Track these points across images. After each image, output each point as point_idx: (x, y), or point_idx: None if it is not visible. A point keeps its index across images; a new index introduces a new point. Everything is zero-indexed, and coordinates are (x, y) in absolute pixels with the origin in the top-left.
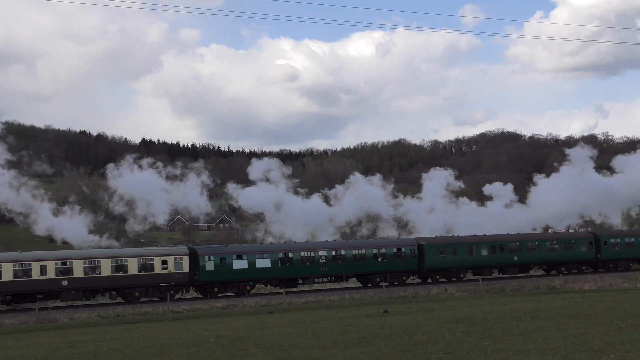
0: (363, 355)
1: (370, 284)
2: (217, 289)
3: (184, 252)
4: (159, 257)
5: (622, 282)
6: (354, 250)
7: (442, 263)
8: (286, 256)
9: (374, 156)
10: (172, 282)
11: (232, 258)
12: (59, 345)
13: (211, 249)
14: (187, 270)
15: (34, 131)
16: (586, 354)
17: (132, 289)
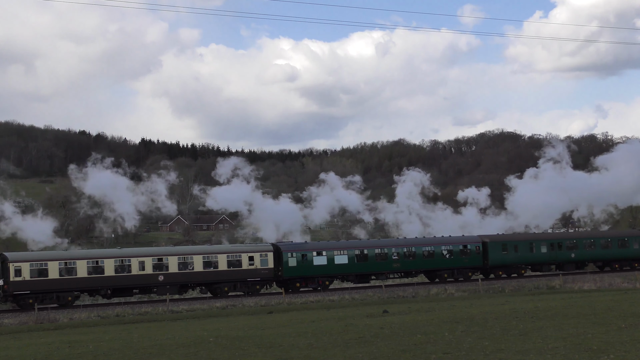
0: (363, 355)
1: (438, 280)
2: (298, 284)
3: (269, 249)
4: (246, 254)
5: (621, 282)
6: (424, 247)
7: (504, 259)
8: (362, 253)
9: (374, 156)
10: (258, 277)
11: (313, 254)
12: (58, 346)
13: (293, 246)
14: (272, 266)
15: (34, 131)
16: (585, 354)
17: (221, 283)
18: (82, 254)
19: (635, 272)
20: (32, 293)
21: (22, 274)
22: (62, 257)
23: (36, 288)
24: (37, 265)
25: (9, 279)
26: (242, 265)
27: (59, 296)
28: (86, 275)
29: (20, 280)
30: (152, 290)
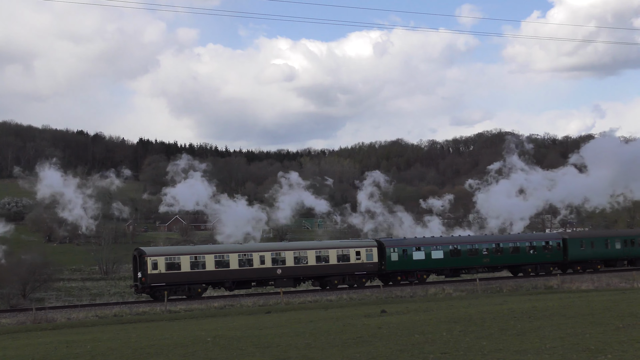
0: (361, 355)
1: (522, 274)
2: (399, 278)
3: (374, 245)
4: (353, 249)
5: (619, 282)
6: (511, 243)
7: (582, 255)
8: (455, 249)
9: (372, 156)
10: (364, 271)
11: (412, 250)
12: (56, 345)
13: (395, 242)
14: (376, 260)
15: (32, 131)
16: (583, 353)
17: (331, 277)
18: (210, 249)
19: (633, 272)
20: (167, 285)
21: (158, 267)
22: (193, 251)
23: (170, 280)
24: (171, 259)
25: (147, 272)
26: (350, 260)
27: (190, 288)
28: (214, 269)
29: (156, 273)
30: (268, 283)
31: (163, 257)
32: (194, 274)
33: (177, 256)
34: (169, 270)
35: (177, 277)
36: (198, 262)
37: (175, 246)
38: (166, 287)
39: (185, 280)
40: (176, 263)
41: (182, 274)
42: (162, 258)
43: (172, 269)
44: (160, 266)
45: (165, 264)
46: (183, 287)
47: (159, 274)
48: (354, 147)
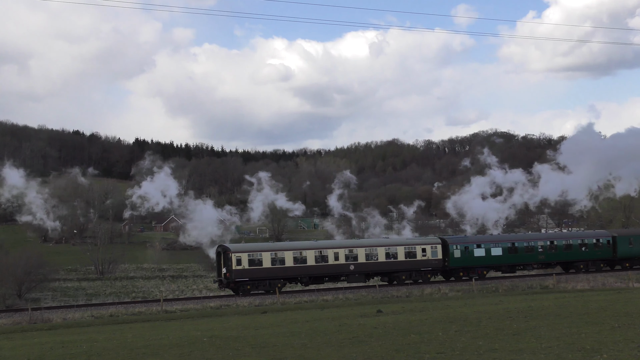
0: (357, 355)
1: (574, 270)
2: (462, 274)
3: (438, 242)
4: (420, 246)
5: (614, 281)
6: (564, 240)
7: (630, 252)
8: (513, 246)
9: (368, 156)
10: (430, 267)
11: (474, 247)
12: (52, 346)
13: (458, 239)
14: (440, 257)
15: (27, 131)
16: (579, 353)
17: (399, 272)
18: (289, 246)
19: (628, 271)
20: (250, 280)
21: (242, 263)
22: (273, 248)
23: (253, 276)
24: (253, 256)
25: (232, 268)
26: (416, 256)
27: (271, 283)
28: (292, 265)
29: (240, 269)
30: (340, 278)
31: (246, 253)
32: (274, 270)
33: (259, 253)
34: (251, 266)
35: (259, 272)
36: (278, 258)
37: (256, 243)
38: (249, 282)
39: (266, 275)
40: (258, 259)
41: (263, 269)
42: (245, 254)
43: (255, 265)
44: (243, 262)
45: (248, 260)
46: (264, 282)
47: (243, 270)
48: (350, 147)
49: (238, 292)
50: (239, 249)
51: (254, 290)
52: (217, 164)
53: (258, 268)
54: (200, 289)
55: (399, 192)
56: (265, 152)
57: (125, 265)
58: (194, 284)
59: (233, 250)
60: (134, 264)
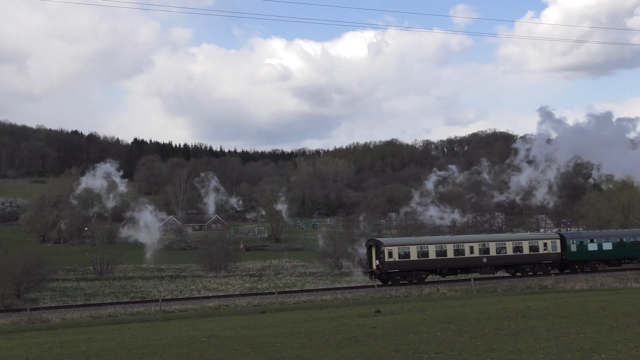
0: (355, 355)
1: None
2: (577, 267)
3: (557, 237)
4: (542, 241)
5: (613, 281)
6: None
7: None
8: (622, 241)
9: (366, 156)
10: (550, 260)
11: (587, 242)
12: (50, 346)
13: (574, 235)
14: (559, 251)
15: (26, 131)
16: (577, 353)
17: (524, 265)
18: (432, 240)
19: (627, 271)
20: (400, 271)
21: (393, 256)
22: (419, 242)
23: (402, 267)
24: (403, 249)
25: (384, 260)
26: (539, 250)
27: (417, 274)
28: (435, 257)
29: (392, 261)
30: (472, 270)
31: (397, 247)
32: (420, 262)
33: (407, 246)
34: (401, 259)
35: (408, 264)
36: (423, 251)
37: (403, 237)
38: (399, 273)
39: (413, 267)
40: (406, 252)
41: (411, 261)
42: (395, 248)
43: (404, 258)
44: (394, 255)
45: (398, 253)
46: (411, 273)
47: (394, 262)
48: (349, 147)
49: (387, 282)
50: (391, 243)
51: (402, 281)
52: (216, 164)
53: (406, 260)
54: (198, 289)
55: (397, 192)
56: (264, 152)
57: (123, 265)
58: (192, 284)
59: (385, 244)
60: (133, 264)
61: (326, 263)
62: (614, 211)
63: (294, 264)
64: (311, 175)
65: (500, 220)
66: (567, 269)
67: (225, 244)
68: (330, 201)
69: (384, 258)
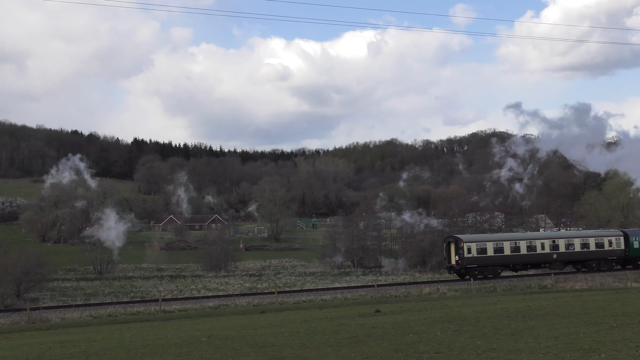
0: (355, 355)
1: None
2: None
3: (621, 234)
4: (607, 238)
5: (612, 281)
6: None
7: None
8: None
9: (366, 156)
10: (614, 256)
11: None
12: (50, 345)
13: (636, 232)
14: (623, 248)
15: (26, 131)
16: (577, 353)
17: (591, 261)
18: (507, 237)
19: (626, 271)
20: (477, 267)
21: (472, 252)
22: (495, 239)
23: (479, 263)
24: (480, 245)
25: (463, 256)
26: (604, 247)
27: (493, 269)
28: (509, 253)
29: (470, 257)
30: (542, 266)
31: (475, 243)
32: (496, 258)
33: (484, 242)
34: (479, 255)
35: (485, 260)
36: (499, 247)
37: (480, 234)
38: (477, 268)
39: (489, 262)
40: (484, 248)
41: (487, 257)
42: (474, 244)
43: (481, 254)
44: (473, 251)
45: (476, 249)
46: (488, 268)
47: (472, 258)
48: (349, 147)
49: (464, 276)
50: (470, 239)
51: (479, 276)
52: (216, 163)
53: (484, 256)
54: (198, 289)
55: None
56: (264, 152)
57: (123, 265)
58: (192, 283)
59: (465, 240)
60: (133, 263)
61: (326, 263)
62: (614, 211)
63: (294, 263)
64: (311, 175)
65: (500, 220)
66: (630, 265)
67: (225, 244)
68: (329, 201)
69: (463, 254)
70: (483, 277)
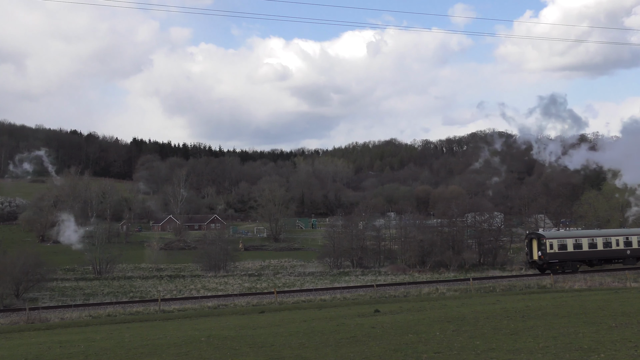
0: (354, 355)
1: None
2: None
3: None
4: None
5: (611, 281)
6: None
7: None
8: None
9: (365, 156)
10: None
11: None
12: (49, 345)
13: None
14: None
15: (25, 131)
16: (576, 353)
17: None
18: (585, 234)
19: (625, 271)
20: (559, 262)
21: (553, 248)
22: (574, 235)
23: (560, 258)
24: (561, 242)
25: (546, 251)
26: None
27: (572, 264)
28: (587, 249)
29: (552, 252)
30: (614, 261)
31: (556, 239)
32: (575, 253)
33: (565, 239)
34: (559, 250)
35: (565, 255)
36: (577, 243)
37: (560, 231)
38: (558, 263)
39: (569, 258)
40: (564, 244)
41: (567, 253)
42: (555, 240)
43: (562, 249)
44: (554, 247)
45: (557, 245)
46: (568, 263)
47: (554, 253)
48: (348, 147)
49: (544, 271)
50: (551, 236)
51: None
52: (215, 163)
53: (564, 252)
54: (197, 289)
55: (396, 192)
56: (263, 152)
57: (122, 265)
58: (191, 283)
59: (547, 237)
60: (132, 263)
61: (325, 263)
62: (613, 211)
63: (293, 263)
64: (310, 175)
65: (499, 220)
66: None
67: (224, 244)
68: (329, 201)
69: (545, 250)
70: (562, 272)
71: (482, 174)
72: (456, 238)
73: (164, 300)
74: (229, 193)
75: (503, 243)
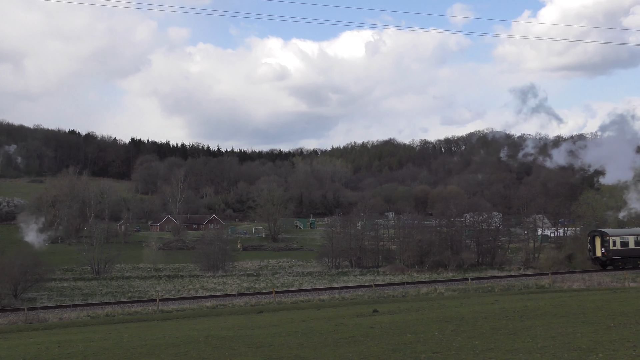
0: (353, 355)
1: None
2: None
3: None
4: None
5: (610, 281)
6: None
7: None
8: None
9: (364, 156)
10: None
11: None
12: (48, 345)
13: None
14: None
15: (23, 131)
16: (575, 352)
17: None
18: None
19: (624, 271)
20: (621, 258)
21: (616, 245)
22: (636, 233)
23: (622, 254)
24: (623, 239)
25: (609, 248)
26: None
27: (633, 260)
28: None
29: (615, 249)
30: None
31: (618, 237)
32: (636, 250)
33: (627, 236)
34: (622, 247)
35: (627, 252)
36: (638, 240)
37: (621, 229)
38: (620, 259)
39: (631, 254)
40: (626, 241)
41: (629, 249)
42: (617, 237)
43: (624, 246)
44: (617, 244)
45: (620, 242)
46: (629, 259)
47: (617, 250)
48: (346, 147)
49: (606, 267)
50: (614, 233)
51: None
52: (213, 163)
53: (626, 248)
54: (196, 289)
55: (395, 192)
56: (262, 152)
57: (121, 265)
58: (190, 283)
59: (610, 234)
60: (130, 263)
61: (323, 263)
62: (611, 210)
63: (292, 263)
64: (308, 174)
65: (498, 220)
66: None
67: (222, 244)
68: (327, 201)
69: (609, 246)
70: (623, 268)
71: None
72: (455, 238)
73: (163, 300)
74: (227, 193)
75: (501, 243)
